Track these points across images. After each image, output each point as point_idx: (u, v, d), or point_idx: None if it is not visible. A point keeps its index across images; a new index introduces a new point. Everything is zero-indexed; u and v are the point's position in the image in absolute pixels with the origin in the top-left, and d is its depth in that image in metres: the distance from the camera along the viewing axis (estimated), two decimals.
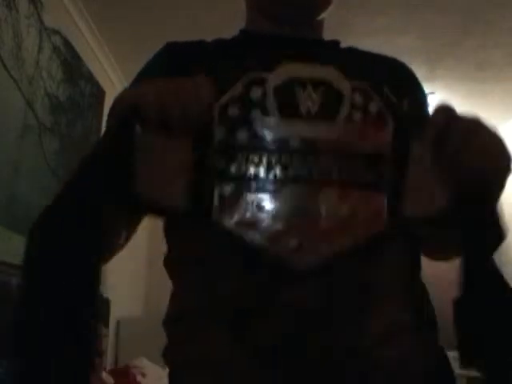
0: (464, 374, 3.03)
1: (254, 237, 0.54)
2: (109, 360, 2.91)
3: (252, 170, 0.56)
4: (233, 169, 0.55)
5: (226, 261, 0.58)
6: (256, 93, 0.57)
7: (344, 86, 0.59)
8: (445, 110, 0.56)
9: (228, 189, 0.55)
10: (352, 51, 0.75)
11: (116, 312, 3.04)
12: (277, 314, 0.55)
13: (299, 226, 0.55)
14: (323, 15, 0.76)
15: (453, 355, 0.63)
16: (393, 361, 0.56)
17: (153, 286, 4.17)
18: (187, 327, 0.61)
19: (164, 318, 0.66)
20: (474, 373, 0.62)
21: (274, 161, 0.56)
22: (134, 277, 3.55)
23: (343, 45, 0.78)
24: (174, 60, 0.71)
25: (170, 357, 0.64)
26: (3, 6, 1.83)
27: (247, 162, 0.55)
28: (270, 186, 0.56)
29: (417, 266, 0.65)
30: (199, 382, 0.58)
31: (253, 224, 0.55)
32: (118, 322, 3.22)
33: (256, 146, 0.56)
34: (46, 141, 2.18)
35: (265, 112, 0.57)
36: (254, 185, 0.55)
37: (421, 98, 0.75)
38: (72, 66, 2.49)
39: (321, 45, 0.77)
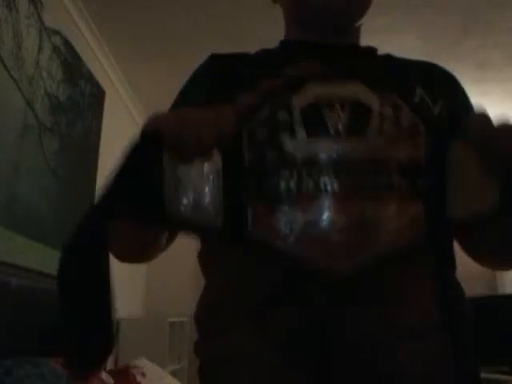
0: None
1: (289, 248, 0.55)
2: (109, 360, 2.91)
3: (283, 185, 0.56)
4: (264, 186, 0.57)
5: (260, 268, 0.60)
6: (283, 115, 0.58)
7: (372, 100, 0.59)
8: (486, 118, 0.56)
9: (261, 207, 0.56)
10: (387, 58, 0.76)
11: (116, 312, 3.04)
12: (301, 305, 0.57)
13: (334, 236, 0.55)
14: (361, 21, 0.77)
15: None
16: (418, 361, 0.57)
17: (153, 286, 4.17)
18: (220, 319, 0.63)
19: (195, 313, 0.68)
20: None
21: (304, 175, 0.57)
22: (133, 277, 3.55)
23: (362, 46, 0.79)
24: (218, 73, 0.73)
25: (203, 350, 0.66)
26: (3, 6, 1.83)
27: (278, 177, 0.56)
28: (302, 199, 0.56)
29: (449, 265, 0.66)
30: (231, 372, 0.60)
31: (287, 237, 0.55)
32: (117, 322, 3.22)
33: (286, 163, 0.57)
34: (46, 141, 2.18)
35: (292, 134, 0.58)
36: (286, 199, 0.56)
37: (460, 97, 0.75)
38: (72, 65, 2.49)
39: (357, 51, 0.77)
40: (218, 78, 0.71)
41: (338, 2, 0.72)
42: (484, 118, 0.55)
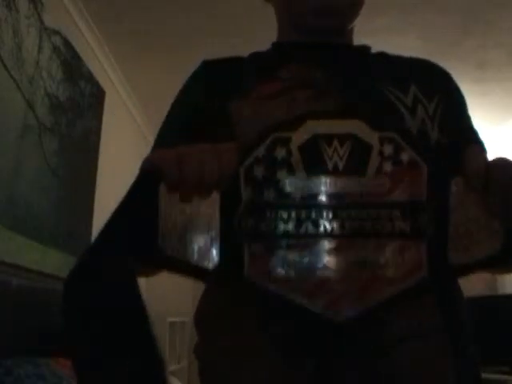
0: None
1: (286, 294, 0.54)
2: None
3: (282, 227, 0.56)
4: (262, 226, 0.56)
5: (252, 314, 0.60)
6: (280, 153, 0.57)
7: (372, 138, 0.58)
8: (483, 158, 0.56)
9: (258, 247, 0.55)
10: (381, 56, 0.76)
11: None
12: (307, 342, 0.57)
13: (334, 280, 0.55)
14: (354, 23, 0.78)
15: None
16: (418, 361, 0.57)
17: (153, 286, 4.17)
18: (220, 322, 0.64)
19: (195, 315, 0.68)
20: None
21: (303, 216, 0.56)
22: None
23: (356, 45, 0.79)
24: (211, 79, 0.73)
25: (203, 351, 0.67)
26: (3, 6, 1.83)
27: (276, 219, 0.56)
28: (301, 242, 0.56)
29: (451, 300, 0.66)
30: (231, 374, 0.61)
31: (285, 281, 0.55)
32: None
33: (284, 203, 0.56)
34: (46, 141, 2.18)
35: (291, 171, 0.57)
36: (284, 241, 0.56)
37: (456, 95, 0.75)
38: (72, 66, 2.49)
39: (351, 51, 0.77)
40: (212, 85, 0.71)
41: (337, 3, 0.72)
42: (480, 155, 0.56)
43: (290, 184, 0.57)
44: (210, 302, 0.67)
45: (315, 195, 0.57)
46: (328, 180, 0.57)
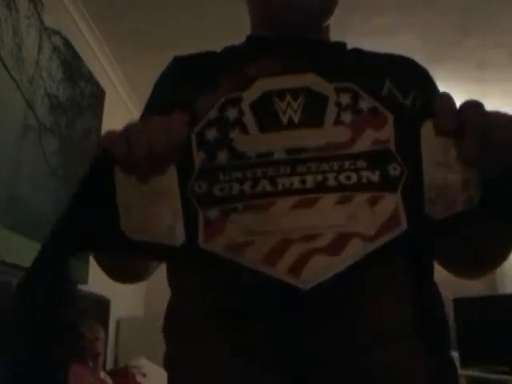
0: (464, 373, 3.03)
1: (245, 260, 0.50)
2: (109, 360, 2.91)
3: (237, 188, 0.52)
4: (215, 190, 0.52)
5: (220, 286, 0.57)
6: (232, 113, 0.54)
7: (326, 88, 0.54)
8: (450, 101, 0.52)
9: (213, 212, 0.51)
10: (357, 52, 0.76)
11: (116, 312, 3.04)
12: (267, 316, 0.55)
13: (296, 242, 0.50)
14: (329, 21, 0.76)
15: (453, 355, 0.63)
16: (393, 360, 0.56)
17: (153, 286, 4.17)
18: (183, 330, 0.62)
19: (163, 325, 0.66)
20: (474, 373, 0.62)
21: (259, 175, 0.52)
22: None
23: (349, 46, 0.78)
24: (183, 75, 0.72)
25: (172, 361, 0.64)
26: (3, 5, 1.83)
27: (230, 180, 0.52)
28: (259, 203, 0.51)
29: (425, 265, 0.64)
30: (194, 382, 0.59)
31: (244, 246, 0.50)
32: (117, 322, 3.22)
33: (238, 163, 0.53)
34: (46, 141, 2.18)
35: (244, 129, 0.54)
36: (240, 204, 0.51)
37: (432, 92, 0.74)
38: (72, 65, 2.49)
39: (327, 46, 0.77)
40: (181, 81, 0.70)
41: (306, 3, 0.71)
42: (450, 96, 0.51)
43: (243, 143, 0.53)
44: (175, 302, 0.65)
45: (271, 152, 0.53)
46: (283, 135, 0.53)
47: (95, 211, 0.52)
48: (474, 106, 0.50)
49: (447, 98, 0.51)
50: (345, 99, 0.54)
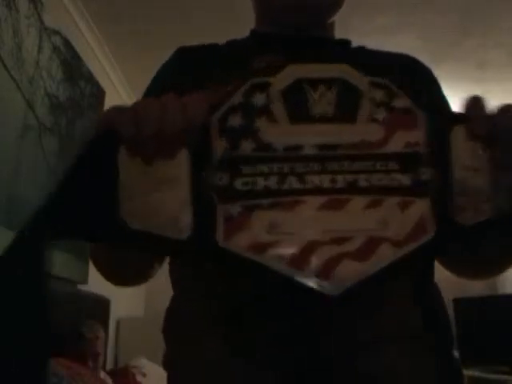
0: (464, 373, 3.03)
1: (269, 261, 0.46)
2: (109, 360, 2.91)
3: (262, 183, 0.47)
4: (237, 184, 0.47)
5: (232, 287, 0.55)
6: (259, 99, 0.49)
7: (361, 82, 0.51)
8: (481, 104, 0.51)
9: (235, 208, 0.47)
10: (363, 50, 0.75)
11: (116, 312, 3.04)
12: (279, 316, 0.55)
13: (325, 245, 0.47)
14: (333, 18, 0.76)
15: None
16: (400, 361, 0.56)
17: (153, 286, 4.16)
18: (183, 332, 0.61)
19: (163, 326, 0.66)
20: (474, 373, 0.62)
21: (287, 170, 0.48)
22: None
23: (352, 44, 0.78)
24: (185, 66, 0.70)
25: (171, 362, 0.64)
26: (3, 5, 1.83)
27: (254, 174, 0.48)
28: (286, 201, 0.47)
29: (427, 265, 0.64)
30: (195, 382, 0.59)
31: (268, 246, 0.46)
32: (118, 322, 3.22)
33: (263, 156, 0.48)
34: (46, 141, 2.18)
35: (271, 119, 0.49)
36: (265, 200, 0.47)
37: (437, 91, 0.73)
38: (72, 66, 2.49)
39: (332, 43, 0.76)
40: (185, 73, 0.68)
41: (311, 1, 0.71)
42: (479, 98, 0.50)
43: (270, 133, 0.49)
44: (177, 303, 0.64)
45: (300, 146, 0.49)
46: (315, 129, 0.50)
47: (91, 194, 0.46)
48: (506, 111, 0.49)
49: (478, 101, 0.50)
50: (379, 95, 0.51)
